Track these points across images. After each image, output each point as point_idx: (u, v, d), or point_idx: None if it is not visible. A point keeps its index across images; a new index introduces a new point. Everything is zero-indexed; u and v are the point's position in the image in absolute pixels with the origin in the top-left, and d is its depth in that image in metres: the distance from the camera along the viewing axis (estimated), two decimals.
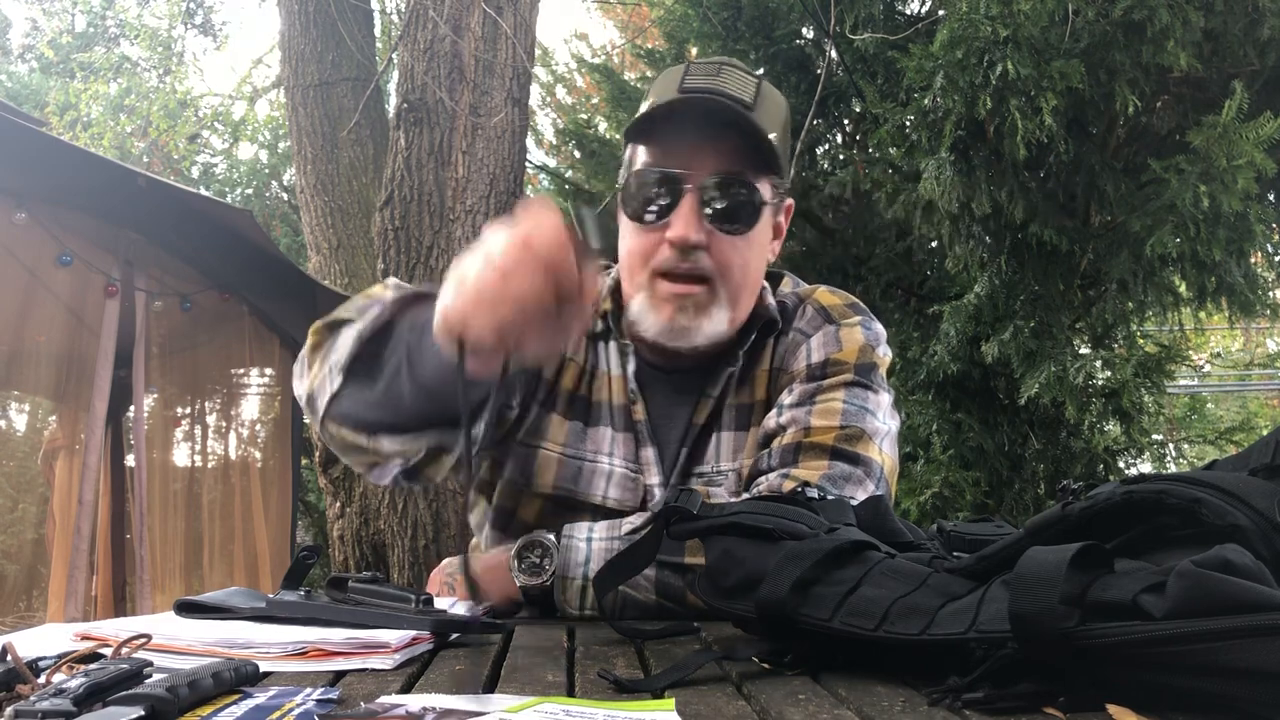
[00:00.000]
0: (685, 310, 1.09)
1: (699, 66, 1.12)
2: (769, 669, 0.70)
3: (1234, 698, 0.51)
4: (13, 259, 3.32)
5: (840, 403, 1.11)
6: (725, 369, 1.17)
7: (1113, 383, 3.13)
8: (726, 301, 1.11)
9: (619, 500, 1.15)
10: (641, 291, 1.12)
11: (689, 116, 1.06)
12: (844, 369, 1.13)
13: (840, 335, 1.16)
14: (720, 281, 1.10)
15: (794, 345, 1.18)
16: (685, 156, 1.07)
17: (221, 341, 4.34)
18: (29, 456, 4.55)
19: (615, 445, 1.17)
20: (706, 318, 1.10)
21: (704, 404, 1.17)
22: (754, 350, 1.18)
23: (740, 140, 1.08)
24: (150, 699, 0.54)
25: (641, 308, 1.12)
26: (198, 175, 10.49)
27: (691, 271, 1.09)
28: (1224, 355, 11.98)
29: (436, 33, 3.92)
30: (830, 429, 1.09)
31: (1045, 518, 0.63)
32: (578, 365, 1.20)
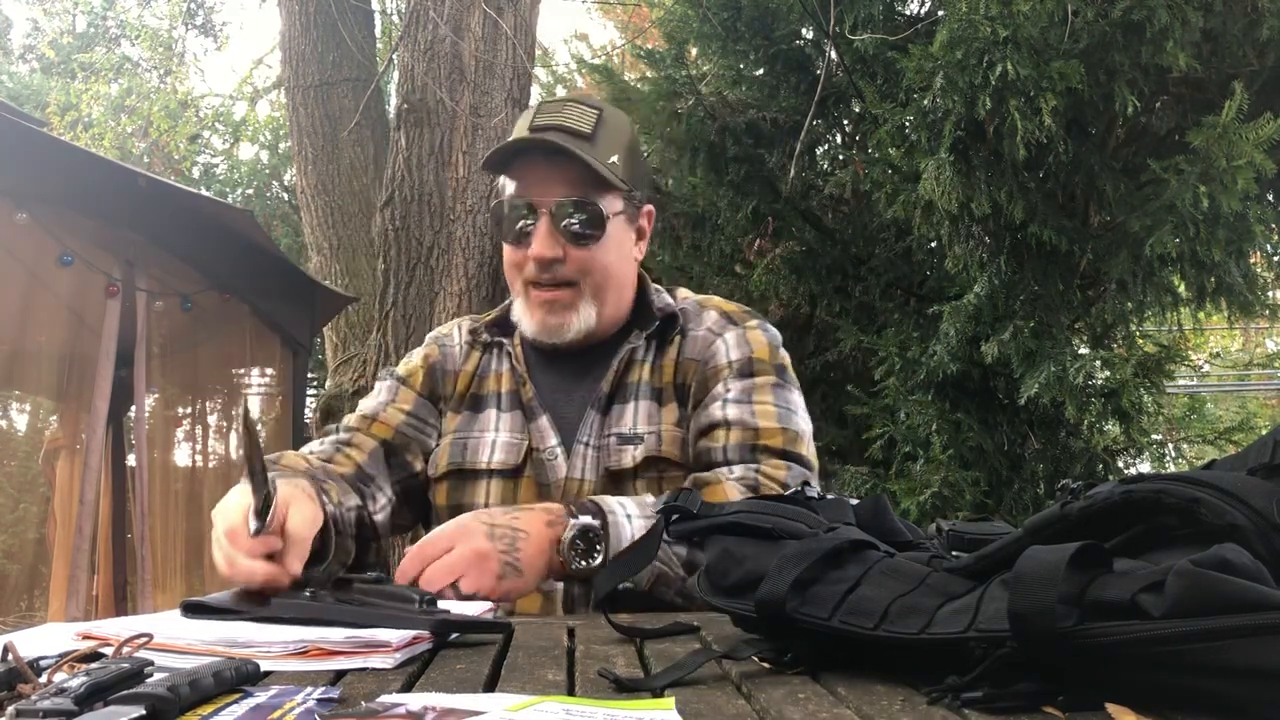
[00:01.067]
0: (554, 311, 1.33)
1: (547, 105, 1.34)
2: (769, 668, 0.70)
3: (1233, 697, 0.51)
4: (14, 259, 3.32)
5: (773, 405, 1.32)
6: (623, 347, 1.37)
7: (1112, 383, 3.13)
8: (591, 298, 1.33)
9: (502, 461, 1.34)
10: (520, 299, 1.36)
11: (537, 151, 1.29)
12: (765, 368, 1.34)
13: (748, 336, 1.37)
14: (584, 283, 1.32)
15: (704, 342, 1.37)
16: (538, 186, 1.30)
17: (222, 341, 4.34)
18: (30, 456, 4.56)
19: (500, 422, 1.38)
20: (575, 314, 1.33)
21: (608, 376, 1.36)
22: (661, 342, 1.39)
23: (581, 168, 1.28)
24: (151, 698, 0.54)
25: (520, 312, 1.36)
26: (198, 175, 10.49)
27: (554, 280, 1.32)
28: (1223, 355, 11.98)
29: (437, 33, 3.92)
30: (775, 431, 1.29)
31: (1044, 517, 0.63)
32: (468, 373, 1.44)
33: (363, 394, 4.06)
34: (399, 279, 3.76)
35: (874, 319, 3.71)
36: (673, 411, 1.35)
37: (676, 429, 1.33)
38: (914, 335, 3.42)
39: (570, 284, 1.32)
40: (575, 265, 1.31)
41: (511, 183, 1.33)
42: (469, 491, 1.35)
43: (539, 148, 1.29)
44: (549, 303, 1.32)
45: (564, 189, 1.29)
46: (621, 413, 1.35)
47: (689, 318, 1.41)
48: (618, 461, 1.31)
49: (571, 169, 1.29)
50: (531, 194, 1.30)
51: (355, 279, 4.97)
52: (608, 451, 1.32)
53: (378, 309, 3.85)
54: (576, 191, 1.29)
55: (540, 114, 1.32)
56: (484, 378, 1.43)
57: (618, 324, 1.39)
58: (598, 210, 1.30)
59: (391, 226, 3.81)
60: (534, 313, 1.34)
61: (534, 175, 1.30)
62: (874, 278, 3.73)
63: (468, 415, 1.40)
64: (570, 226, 1.29)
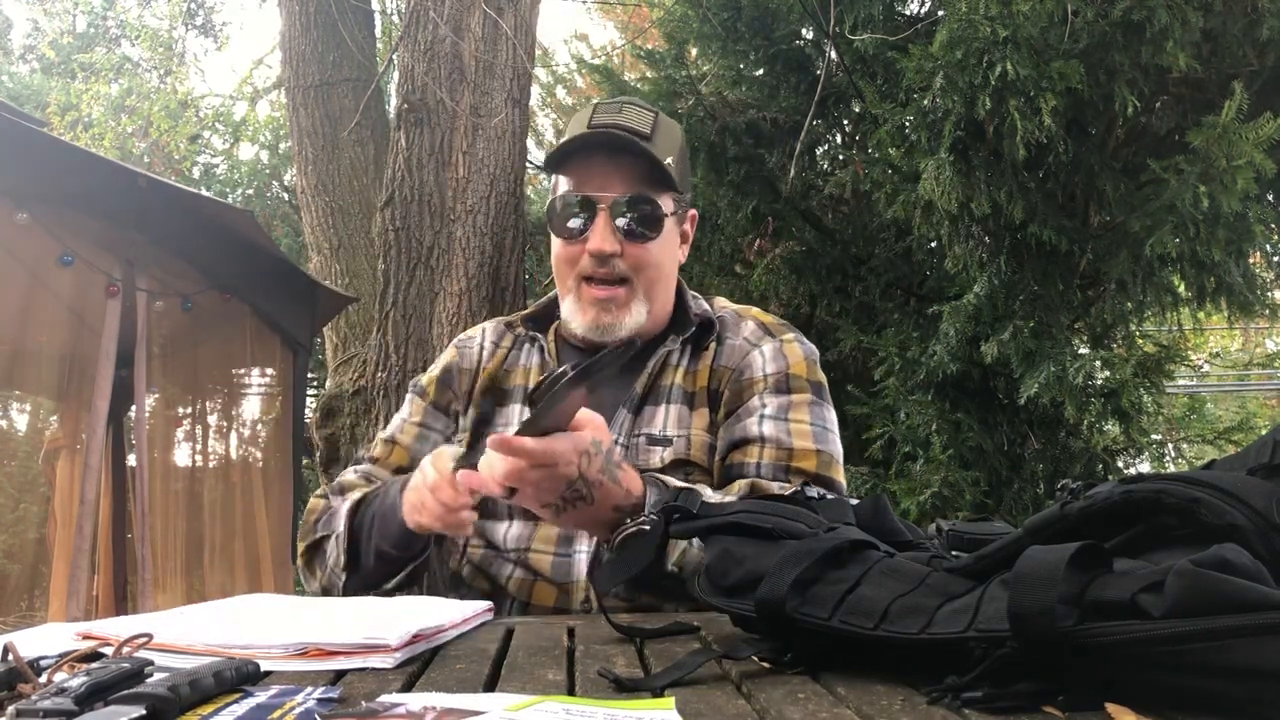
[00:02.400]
0: (608, 310, 1.32)
1: (604, 105, 1.34)
2: (769, 668, 0.70)
3: (1232, 696, 0.51)
4: (14, 259, 3.32)
5: (809, 425, 1.31)
6: (659, 349, 1.37)
7: (1112, 383, 3.13)
8: (644, 297, 1.34)
9: None
10: (570, 295, 1.35)
11: (597, 148, 1.30)
12: (802, 384, 1.35)
13: (784, 350, 1.38)
14: (637, 281, 1.32)
15: (740, 351, 1.38)
16: (597, 181, 1.31)
17: (222, 341, 4.33)
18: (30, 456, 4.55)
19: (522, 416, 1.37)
20: (627, 313, 1.33)
21: (643, 378, 1.36)
22: (697, 348, 1.39)
23: (641, 165, 1.30)
24: (151, 698, 0.54)
25: (571, 309, 1.35)
26: (199, 176, 10.49)
27: (609, 276, 1.31)
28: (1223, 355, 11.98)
29: (437, 33, 3.92)
30: (810, 453, 1.29)
31: (1044, 517, 0.63)
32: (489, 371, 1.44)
33: (363, 394, 4.08)
34: (399, 279, 3.76)
35: (874, 319, 3.71)
36: (703, 417, 1.35)
37: (705, 434, 1.34)
38: (914, 335, 3.42)
39: (624, 281, 1.32)
40: (631, 262, 1.31)
41: (567, 180, 1.34)
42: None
43: (600, 145, 1.29)
44: (603, 300, 1.32)
45: (623, 185, 1.30)
46: (653, 414, 1.35)
47: (726, 326, 1.42)
48: (645, 461, 1.31)
49: (631, 166, 1.30)
50: (590, 189, 1.30)
51: (355, 279, 4.97)
52: (636, 451, 1.32)
53: (378, 309, 3.85)
54: (636, 188, 1.30)
55: (599, 113, 1.32)
56: (510, 372, 1.43)
57: (660, 326, 1.40)
58: (656, 207, 1.31)
59: (391, 226, 3.81)
60: (586, 310, 1.33)
61: (592, 171, 1.31)
62: (874, 278, 3.73)
63: (489, 405, 1.41)
64: (628, 223, 1.30)
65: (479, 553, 1.35)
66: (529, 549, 1.31)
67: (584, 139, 1.30)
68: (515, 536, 1.32)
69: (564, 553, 1.29)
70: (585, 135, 1.30)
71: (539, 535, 1.30)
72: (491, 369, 1.44)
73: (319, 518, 1.35)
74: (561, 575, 1.28)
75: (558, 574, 1.28)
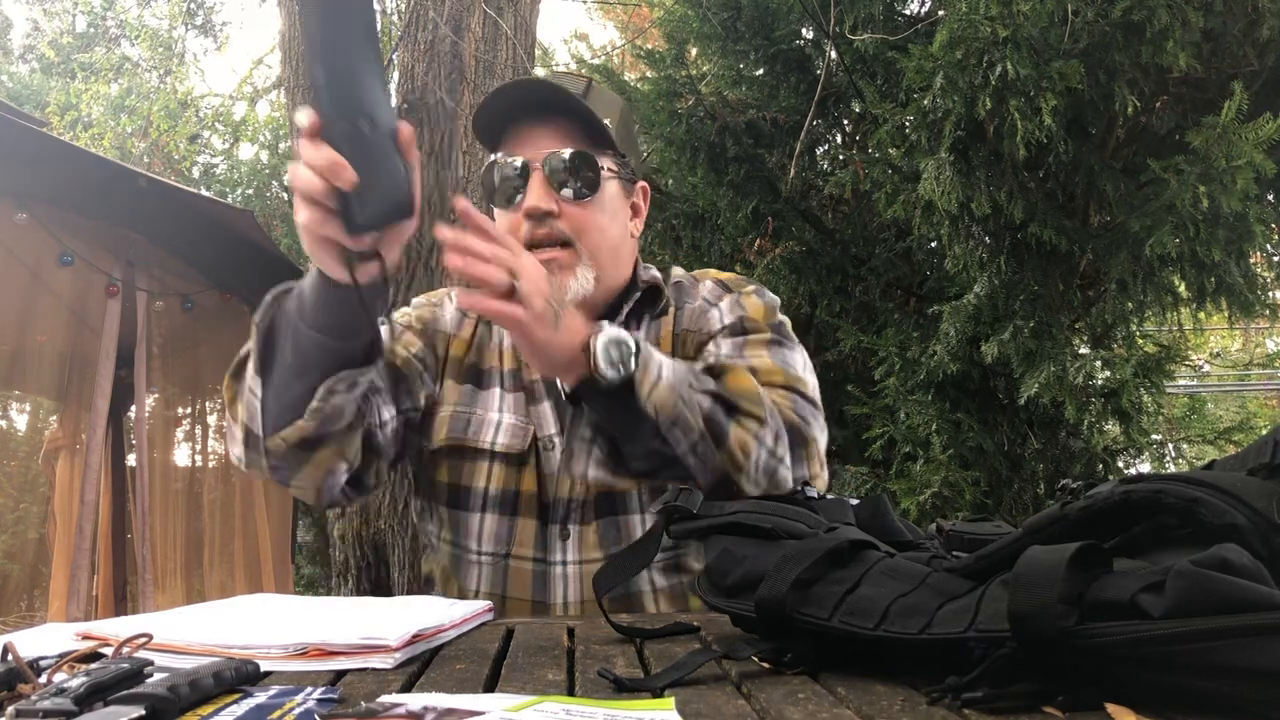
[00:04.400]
0: (551, 272, 1.18)
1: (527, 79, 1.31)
2: (769, 668, 0.70)
3: (1232, 697, 0.51)
4: (14, 259, 3.32)
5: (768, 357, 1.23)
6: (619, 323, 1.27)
7: (1112, 383, 3.13)
8: (588, 260, 1.23)
9: (506, 445, 1.25)
10: None
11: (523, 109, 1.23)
12: (758, 326, 1.27)
13: (742, 301, 1.31)
14: (579, 243, 1.22)
15: (700, 311, 1.31)
16: (529, 143, 1.23)
17: (222, 341, 4.33)
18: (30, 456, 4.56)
19: (505, 404, 1.29)
20: (571, 276, 1.22)
21: None
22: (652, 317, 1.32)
23: (575, 122, 1.23)
24: (151, 698, 0.54)
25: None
26: (198, 175, 10.49)
27: (549, 237, 1.22)
28: (1223, 355, 11.99)
29: (437, 33, 3.92)
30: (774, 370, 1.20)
31: (1044, 517, 0.63)
32: (463, 339, 1.33)
33: None
34: (399, 279, 3.76)
35: (874, 319, 3.71)
36: None
37: None
38: (914, 335, 3.42)
39: (566, 245, 1.22)
40: (570, 222, 1.22)
41: (494, 145, 1.27)
42: (469, 472, 1.26)
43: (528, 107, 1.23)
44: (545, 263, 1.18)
45: (555, 141, 1.23)
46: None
47: (684, 290, 1.35)
48: None
49: (565, 125, 1.23)
50: (522, 152, 1.23)
51: None
52: None
53: None
54: (570, 143, 1.23)
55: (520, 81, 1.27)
56: (483, 349, 1.34)
57: (611, 299, 1.30)
58: (591, 162, 1.23)
59: None
60: None
61: (523, 134, 1.24)
62: (874, 278, 3.73)
63: (470, 390, 1.31)
64: (564, 180, 1.22)
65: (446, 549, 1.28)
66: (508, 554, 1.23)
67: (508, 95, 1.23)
68: (490, 535, 1.24)
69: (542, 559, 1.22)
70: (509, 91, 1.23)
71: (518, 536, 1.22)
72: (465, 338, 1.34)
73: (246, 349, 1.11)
74: (539, 591, 1.20)
75: (536, 589, 1.20)
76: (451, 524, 1.27)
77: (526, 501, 1.23)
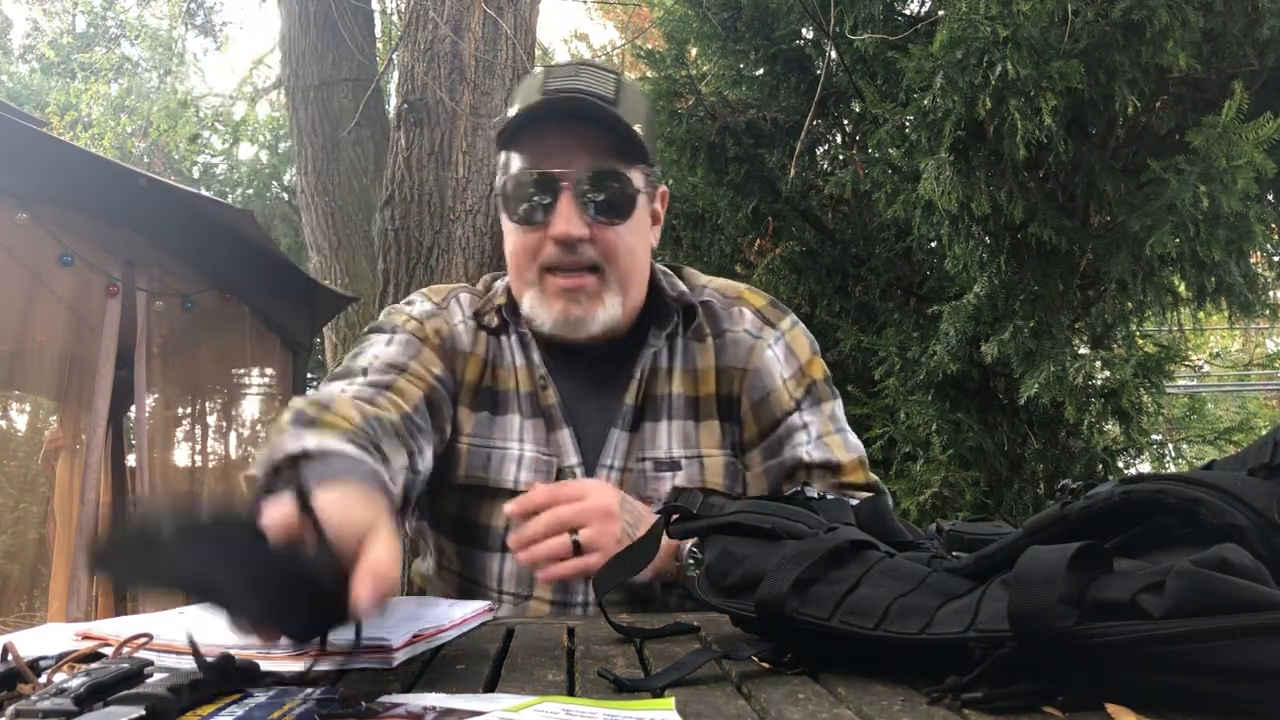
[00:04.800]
0: (577, 301, 1.14)
1: (558, 69, 1.16)
2: (769, 668, 0.70)
3: (1233, 697, 0.51)
4: (14, 259, 3.32)
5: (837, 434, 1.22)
6: (643, 352, 1.21)
7: (1112, 383, 3.13)
8: (617, 287, 1.15)
9: (529, 483, 1.17)
10: (531, 288, 1.16)
11: (556, 117, 1.11)
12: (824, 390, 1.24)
13: (792, 345, 1.24)
14: (609, 269, 1.14)
15: (745, 346, 1.23)
16: (558, 156, 1.11)
17: (222, 341, 4.34)
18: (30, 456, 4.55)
19: (524, 431, 1.20)
20: (600, 305, 1.14)
21: (631, 386, 1.20)
22: (685, 341, 1.23)
23: (607, 134, 1.12)
24: (151, 698, 0.54)
25: (533, 303, 1.16)
26: (198, 175, 10.49)
27: (578, 263, 1.13)
28: (1223, 355, 11.99)
29: (437, 33, 3.92)
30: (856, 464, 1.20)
31: (1044, 517, 0.63)
32: (479, 358, 1.23)
33: None
34: (399, 279, 3.76)
35: (874, 319, 3.71)
36: (712, 431, 1.21)
37: (719, 452, 1.20)
38: (914, 335, 3.42)
39: (593, 269, 1.13)
40: (601, 247, 1.13)
41: (520, 156, 1.14)
42: (488, 510, 1.18)
43: (557, 114, 1.10)
44: (571, 291, 1.13)
45: (588, 159, 1.11)
46: (654, 432, 1.20)
47: (718, 316, 1.25)
48: (653, 490, 1.17)
49: (596, 137, 1.11)
50: (549, 165, 1.11)
51: (355, 279, 4.97)
52: (643, 479, 1.17)
53: (377, 309, 3.85)
54: (603, 162, 1.12)
55: (553, 78, 1.13)
56: (498, 369, 1.23)
57: (633, 319, 1.21)
58: (627, 183, 1.13)
59: (391, 226, 3.81)
60: (552, 303, 1.14)
61: (550, 145, 1.12)
62: (874, 278, 3.73)
63: (486, 417, 1.21)
64: (596, 202, 1.12)
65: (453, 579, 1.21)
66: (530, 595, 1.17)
67: (537, 106, 1.10)
68: (511, 575, 1.17)
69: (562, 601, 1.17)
70: (538, 102, 1.10)
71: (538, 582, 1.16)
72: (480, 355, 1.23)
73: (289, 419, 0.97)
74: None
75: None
76: (464, 560, 1.20)
77: None
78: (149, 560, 0.62)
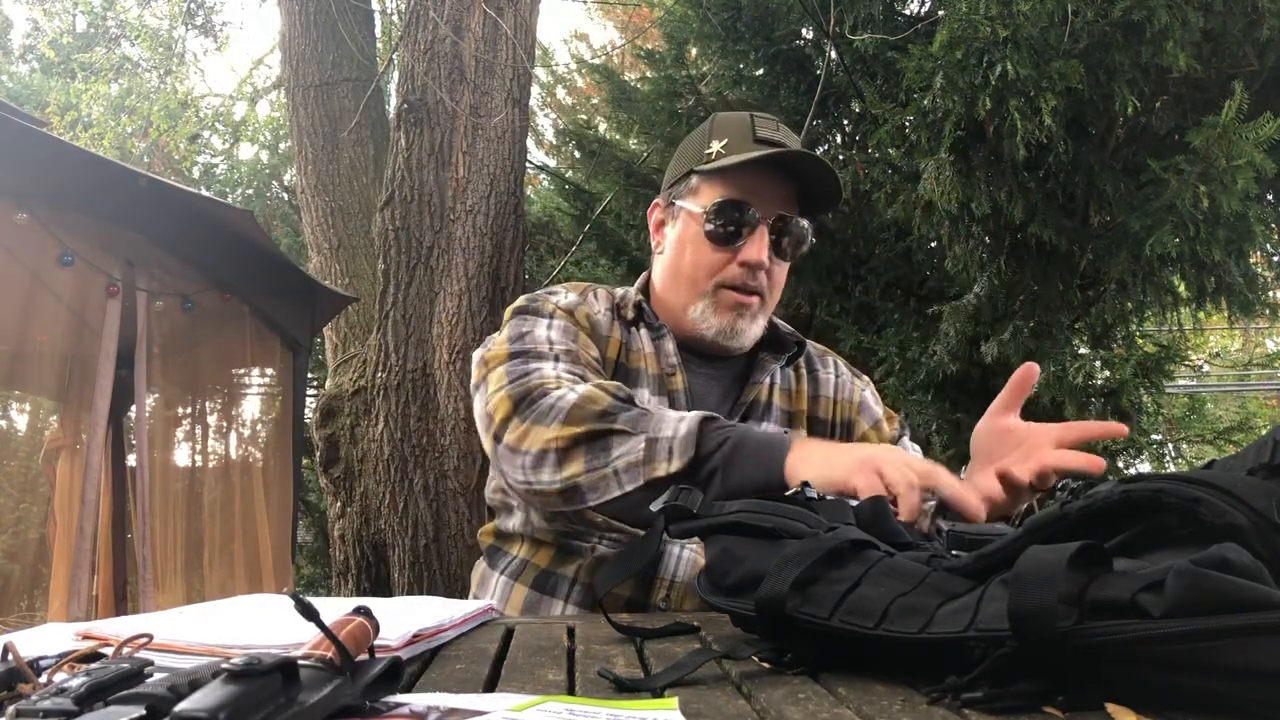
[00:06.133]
0: (744, 317, 1.36)
1: (761, 120, 1.38)
2: (769, 668, 0.70)
3: (1233, 696, 0.51)
4: (14, 260, 3.32)
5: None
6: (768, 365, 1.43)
7: (1112, 382, 3.13)
8: (767, 311, 1.40)
9: None
10: (704, 299, 1.37)
11: (764, 162, 1.32)
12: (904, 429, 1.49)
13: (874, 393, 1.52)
14: (769, 297, 1.39)
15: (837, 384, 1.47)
16: (763, 196, 1.34)
17: (222, 341, 4.33)
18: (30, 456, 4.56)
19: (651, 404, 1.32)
20: (755, 324, 1.38)
21: (750, 389, 1.41)
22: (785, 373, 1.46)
23: (802, 186, 1.36)
24: (151, 698, 0.54)
25: (704, 311, 1.37)
26: (198, 176, 10.49)
27: (753, 287, 1.36)
28: (1223, 355, 11.99)
29: (437, 33, 3.92)
30: None
31: (1044, 516, 0.63)
32: (617, 341, 1.41)
33: (363, 394, 4.08)
34: (399, 279, 3.76)
35: (874, 319, 3.71)
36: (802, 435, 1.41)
37: None
38: (914, 335, 3.42)
39: (759, 294, 1.36)
40: (771, 277, 1.37)
41: (724, 187, 1.35)
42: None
43: (772, 162, 1.33)
44: (744, 306, 1.36)
45: (785, 205, 1.35)
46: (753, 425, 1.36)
47: (813, 359, 1.50)
48: None
49: (796, 186, 1.35)
50: (754, 202, 1.33)
51: (355, 279, 4.97)
52: None
53: (378, 309, 3.85)
54: (794, 209, 1.36)
55: (761, 128, 1.36)
56: (630, 351, 1.40)
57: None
58: (805, 231, 1.37)
59: (391, 226, 3.81)
60: (723, 314, 1.36)
61: (758, 185, 1.34)
62: (874, 277, 3.73)
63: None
64: (780, 241, 1.35)
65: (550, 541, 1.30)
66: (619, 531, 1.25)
67: (756, 151, 1.32)
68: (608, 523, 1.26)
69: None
70: (761, 156, 1.31)
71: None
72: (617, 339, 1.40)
73: (608, 410, 1.14)
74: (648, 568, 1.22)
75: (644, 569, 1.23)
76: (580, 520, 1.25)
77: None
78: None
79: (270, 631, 0.81)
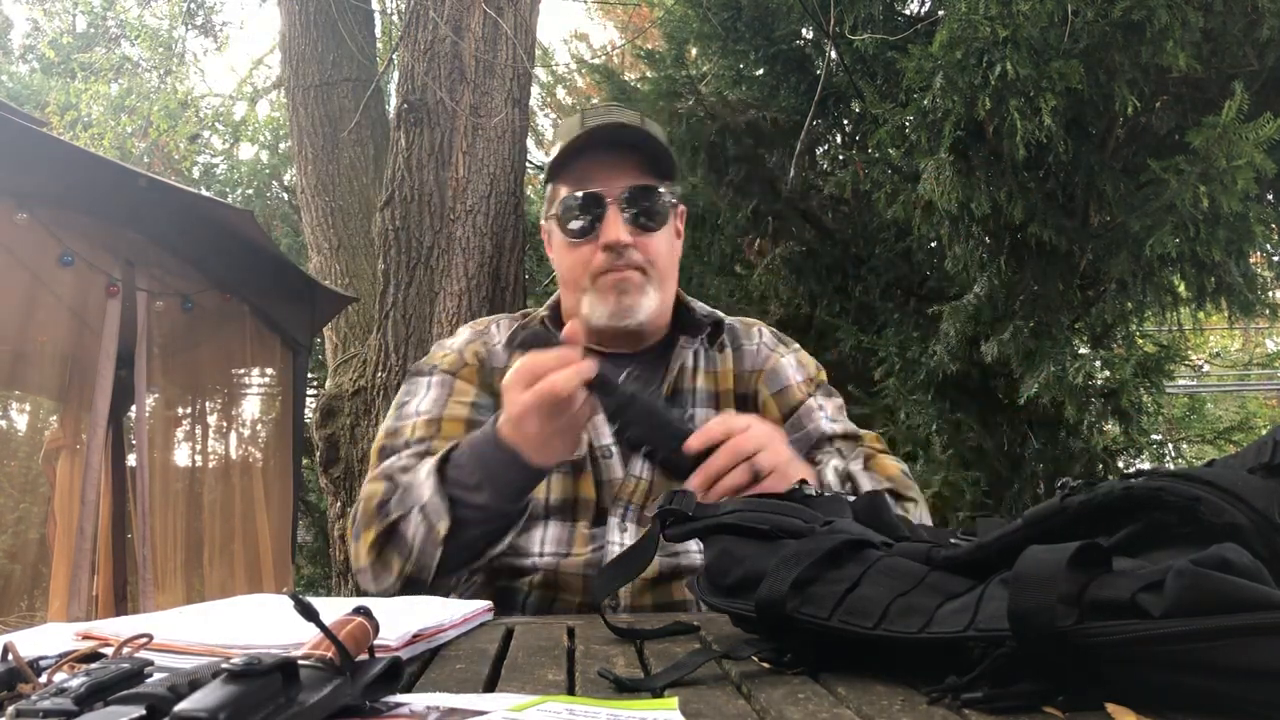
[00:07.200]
0: (626, 292, 1.33)
1: (592, 110, 1.42)
2: (769, 668, 0.70)
3: (1232, 696, 0.51)
4: (14, 260, 3.32)
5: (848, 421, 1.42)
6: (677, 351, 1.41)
7: (1112, 382, 3.13)
8: (657, 284, 1.36)
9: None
10: (587, 293, 1.35)
11: (597, 147, 1.33)
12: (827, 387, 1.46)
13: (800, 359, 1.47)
14: (651, 268, 1.35)
15: (762, 356, 1.45)
16: (601, 178, 1.33)
17: (222, 341, 4.33)
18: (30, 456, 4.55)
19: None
20: (644, 296, 1.34)
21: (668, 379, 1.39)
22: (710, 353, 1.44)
23: (642, 156, 1.35)
24: (151, 698, 0.54)
25: (591, 304, 1.35)
26: (198, 175, 10.49)
27: (625, 266, 1.33)
28: (1223, 355, 11.99)
29: (437, 33, 3.92)
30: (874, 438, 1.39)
31: (1043, 509, 0.63)
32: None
33: (363, 394, 4.07)
34: (399, 279, 3.76)
35: (874, 319, 3.71)
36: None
37: None
38: (914, 335, 3.42)
39: (638, 269, 1.34)
40: (643, 251, 1.33)
41: (568, 184, 1.35)
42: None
43: (599, 143, 1.32)
44: (621, 281, 1.33)
45: (629, 178, 1.33)
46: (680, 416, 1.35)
47: (737, 333, 1.47)
48: None
49: (633, 160, 1.34)
50: (596, 185, 1.32)
51: (355, 279, 4.97)
52: None
53: (378, 309, 3.85)
54: (640, 179, 1.33)
55: (590, 118, 1.36)
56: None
57: (665, 323, 1.42)
58: (660, 196, 1.35)
59: (391, 226, 3.81)
60: (606, 297, 1.33)
61: (594, 170, 1.33)
62: (874, 278, 3.73)
63: None
64: (636, 214, 1.33)
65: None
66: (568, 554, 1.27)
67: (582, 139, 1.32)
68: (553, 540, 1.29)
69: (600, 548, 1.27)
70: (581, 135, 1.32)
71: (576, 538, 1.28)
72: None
73: (383, 500, 1.20)
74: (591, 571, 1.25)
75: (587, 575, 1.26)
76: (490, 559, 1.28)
77: (584, 506, 1.31)
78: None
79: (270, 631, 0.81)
